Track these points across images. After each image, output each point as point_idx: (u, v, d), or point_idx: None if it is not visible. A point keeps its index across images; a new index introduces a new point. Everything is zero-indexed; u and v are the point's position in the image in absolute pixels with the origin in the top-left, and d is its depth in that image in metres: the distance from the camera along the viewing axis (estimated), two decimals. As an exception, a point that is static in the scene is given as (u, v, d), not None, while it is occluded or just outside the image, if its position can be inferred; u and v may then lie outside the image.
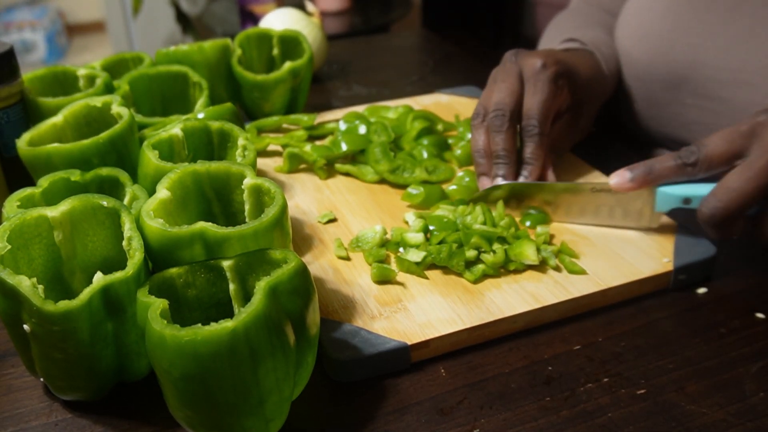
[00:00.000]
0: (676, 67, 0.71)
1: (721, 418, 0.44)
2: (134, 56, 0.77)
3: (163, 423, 0.45)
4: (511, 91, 0.64)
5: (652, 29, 0.73)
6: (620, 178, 0.57)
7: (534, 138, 0.63)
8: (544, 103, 0.64)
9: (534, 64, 0.65)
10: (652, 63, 0.73)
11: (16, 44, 3.19)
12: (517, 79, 0.65)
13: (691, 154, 0.54)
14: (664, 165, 0.56)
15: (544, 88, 0.64)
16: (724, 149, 0.53)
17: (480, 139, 0.65)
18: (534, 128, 0.63)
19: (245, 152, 0.55)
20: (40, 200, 0.50)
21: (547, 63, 0.65)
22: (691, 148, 0.54)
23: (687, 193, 0.56)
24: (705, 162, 0.54)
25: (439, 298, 0.53)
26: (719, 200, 0.52)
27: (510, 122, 0.63)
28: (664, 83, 0.73)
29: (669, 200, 0.57)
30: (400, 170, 0.68)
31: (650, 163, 0.56)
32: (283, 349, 0.40)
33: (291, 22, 0.97)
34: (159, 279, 0.42)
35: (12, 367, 0.50)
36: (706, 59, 0.68)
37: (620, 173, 0.57)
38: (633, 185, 0.57)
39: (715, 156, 0.53)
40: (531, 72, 0.65)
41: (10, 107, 0.62)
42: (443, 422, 0.45)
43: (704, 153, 0.54)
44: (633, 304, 0.54)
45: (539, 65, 0.64)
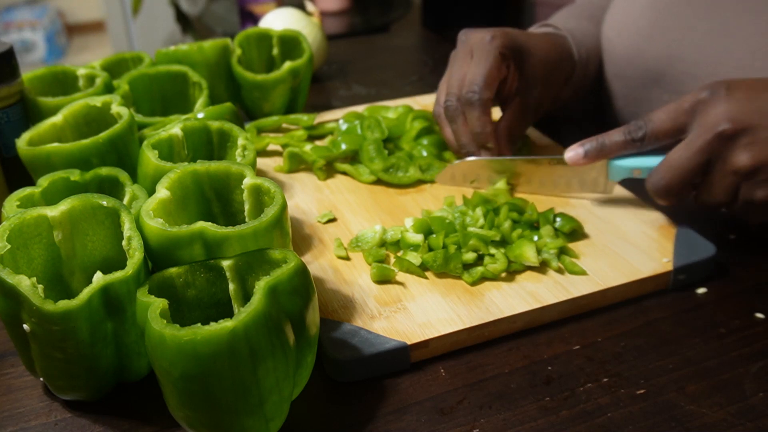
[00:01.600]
0: (654, 62, 0.71)
1: (721, 418, 0.44)
2: (134, 56, 0.77)
3: (163, 423, 0.45)
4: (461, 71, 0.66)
5: (633, 25, 0.74)
6: (574, 153, 0.61)
7: (475, 105, 0.64)
8: (489, 71, 0.64)
9: (482, 38, 0.66)
10: (631, 58, 0.74)
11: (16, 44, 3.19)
12: (466, 59, 0.66)
13: (638, 129, 0.58)
14: (614, 140, 0.59)
15: (489, 57, 0.64)
16: (669, 125, 0.56)
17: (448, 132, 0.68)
18: (474, 94, 0.64)
19: (245, 152, 0.55)
20: (39, 200, 0.50)
21: (495, 35, 0.65)
22: (639, 123, 0.58)
23: (636, 164, 0.60)
24: (651, 136, 0.57)
25: (438, 298, 0.53)
26: (662, 177, 0.56)
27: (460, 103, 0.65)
28: (642, 79, 0.73)
29: (620, 171, 0.61)
30: (394, 169, 0.68)
31: (601, 138, 0.60)
32: (283, 349, 0.40)
33: (291, 22, 0.97)
34: (159, 279, 0.42)
35: (12, 367, 0.50)
36: (682, 54, 0.69)
37: (574, 148, 0.61)
38: (586, 160, 0.61)
39: (660, 131, 0.57)
40: (478, 44, 0.66)
41: (10, 107, 0.62)
42: (443, 422, 0.45)
43: (650, 128, 0.57)
44: (633, 304, 0.54)
45: (487, 38, 0.65)
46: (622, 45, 0.75)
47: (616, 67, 0.76)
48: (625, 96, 0.77)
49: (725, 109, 0.53)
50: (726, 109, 0.53)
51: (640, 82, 0.74)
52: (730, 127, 0.52)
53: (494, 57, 0.65)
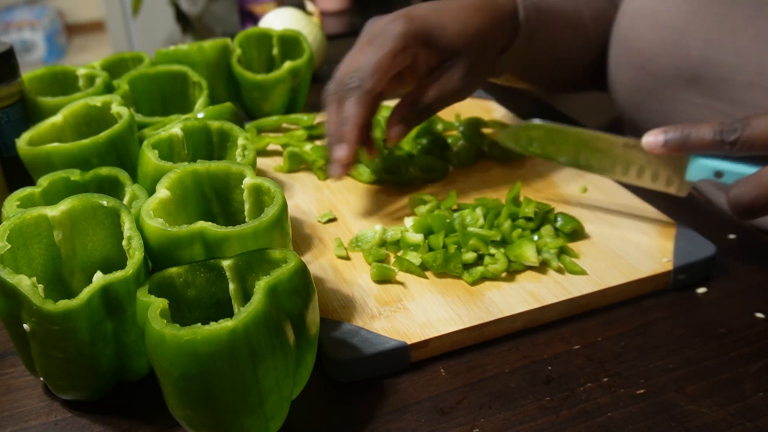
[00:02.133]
0: (688, 63, 0.67)
1: (720, 418, 0.44)
2: (134, 56, 0.77)
3: (163, 423, 0.45)
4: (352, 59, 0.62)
5: (666, 18, 0.69)
6: (654, 138, 0.55)
7: (352, 92, 0.59)
8: (380, 59, 0.59)
9: (383, 24, 0.61)
10: (662, 55, 0.69)
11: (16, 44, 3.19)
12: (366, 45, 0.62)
13: (733, 132, 0.51)
14: (701, 136, 0.53)
15: (385, 44, 0.60)
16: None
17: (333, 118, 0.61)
18: (354, 81, 0.59)
19: (245, 152, 0.55)
20: (39, 200, 0.50)
21: (396, 20, 0.60)
22: (735, 124, 0.52)
23: (722, 167, 0.54)
24: (746, 143, 0.51)
25: (438, 297, 0.53)
26: (749, 192, 0.50)
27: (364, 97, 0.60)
28: (672, 78, 0.69)
29: (702, 170, 0.55)
30: (394, 169, 0.68)
31: (687, 130, 0.54)
32: (283, 349, 0.40)
33: (291, 21, 0.97)
34: (159, 278, 0.42)
35: (12, 367, 0.50)
36: (722, 57, 0.64)
37: (654, 134, 0.55)
38: (665, 149, 0.55)
39: (758, 140, 0.51)
40: (378, 31, 0.61)
41: (10, 107, 0.62)
42: (443, 422, 0.45)
43: (747, 134, 0.51)
44: (633, 304, 0.54)
45: (386, 22, 0.61)
46: (651, 38, 0.70)
47: (639, 59, 0.72)
48: (647, 90, 0.72)
49: None
50: None
51: (669, 80, 0.69)
52: None
53: (391, 46, 0.59)
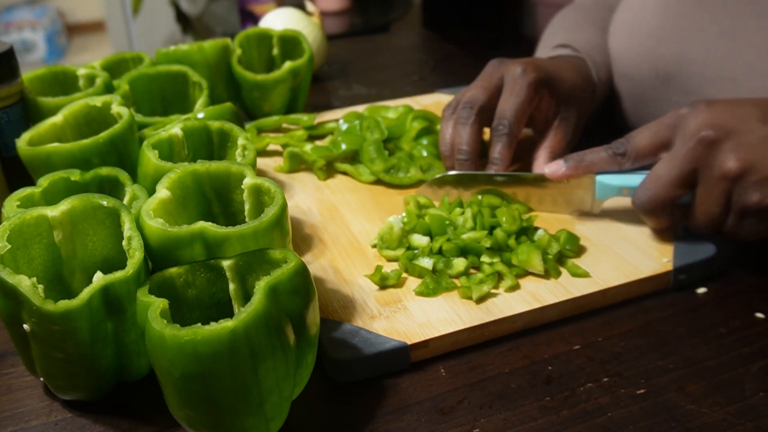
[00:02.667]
0: (663, 63, 0.71)
1: (721, 418, 0.44)
2: (134, 56, 0.77)
3: (163, 423, 0.45)
4: (486, 88, 0.66)
5: (643, 25, 0.74)
6: (555, 166, 0.60)
7: (502, 138, 0.64)
8: (520, 105, 0.64)
9: (514, 70, 0.66)
10: (641, 59, 0.73)
11: (16, 44, 3.19)
12: (495, 81, 0.67)
13: (620, 145, 0.58)
14: (595, 155, 0.59)
15: (521, 92, 0.65)
16: (650, 140, 0.56)
17: (447, 132, 0.67)
18: (504, 128, 0.64)
19: (245, 152, 0.55)
20: (39, 200, 0.50)
21: (528, 69, 0.66)
22: (621, 140, 0.58)
23: (625, 183, 0.59)
24: (633, 152, 0.57)
25: (438, 298, 0.53)
26: (648, 189, 0.55)
27: (477, 116, 0.65)
28: (651, 80, 0.73)
29: (607, 190, 0.60)
30: (395, 170, 0.68)
31: (582, 153, 0.60)
32: (283, 349, 0.40)
33: (291, 21, 0.97)
34: (159, 279, 0.42)
35: (12, 367, 0.50)
36: (692, 55, 0.68)
37: (555, 163, 0.61)
38: (566, 173, 0.60)
39: (642, 147, 0.57)
40: (511, 77, 0.66)
41: (10, 107, 0.62)
42: (443, 422, 0.45)
43: (632, 144, 0.57)
44: (633, 304, 0.54)
45: (519, 71, 0.66)
46: (631, 46, 0.75)
47: (625, 68, 0.76)
48: (634, 96, 0.76)
49: (706, 118, 0.53)
50: (707, 117, 0.53)
51: (650, 82, 0.73)
52: (712, 133, 0.52)
53: (526, 92, 0.65)
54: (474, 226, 0.58)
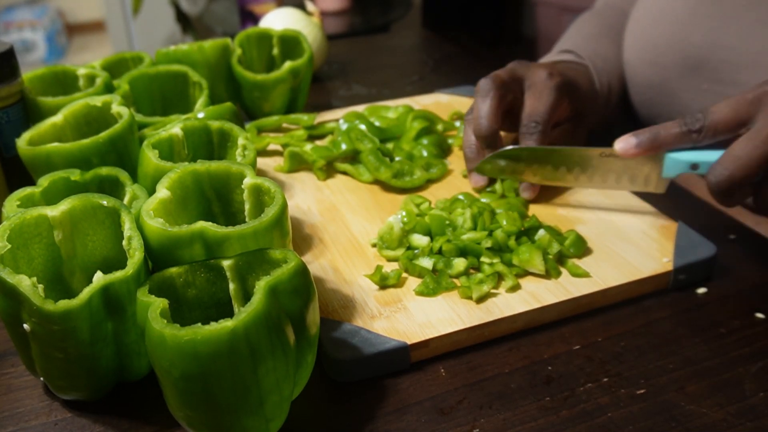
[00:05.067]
0: (694, 50, 0.69)
1: (721, 418, 0.44)
2: (134, 56, 0.77)
3: (163, 423, 0.45)
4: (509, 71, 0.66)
5: (669, 12, 0.72)
6: (625, 143, 0.57)
7: (534, 136, 0.63)
8: (550, 106, 0.64)
9: (540, 74, 0.66)
10: (669, 47, 0.72)
11: (16, 44, 3.19)
12: (517, 73, 0.66)
13: (696, 121, 0.55)
14: (669, 131, 0.56)
15: (551, 94, 0.64)
16: (730, 117, 0.53)
17: (471, 134, 0.66)
18: (537, 125, 0.63)
19: (245, 152, 0.55)
20: (40, 200, 0.50)
21: (553, 73, 0.66)
22: (697, 115, 0.55)
23: (695, 158, 0.56)
24: (710, 129, 0.54)
25: (438, 297, 0.53)
26: (725, 168, 0.52)
27: (497, 90, 0.64)
28: (679, 68, 0.72)
29: (677, 165, 0.57)
30: (400, 174, 0.68)
31: (655, 129, 0.56)
32: (283, 349, 0.40)
33: (291, 21, 0.97)
34: (159, 278, 0.42)
35: (12, 367, 0.50)
36: (725, 42, 0.67)
37: (625, 139, 0.57)
38: (638, 151, 0.57)
39: (720, 123, 0.53)
40: (537, 80, 0.65)
41: (10, 107, 0.62)
42: (443, 422, 0.45)
43: (710, 120, 0.54)
44: (633, 304, 0.54)
45: (545, 74, 0.65)
46: (658, 33, 0.73)
47: (651, 54, 0.74)
48: (659, 85, 0.75)
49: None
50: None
51: (677, 70, 0.72)
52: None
53: (555, 95, 0.64)
54: (474, 226, 0.58)
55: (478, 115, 0.64)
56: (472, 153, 0.66)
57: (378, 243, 0.58)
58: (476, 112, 0.65)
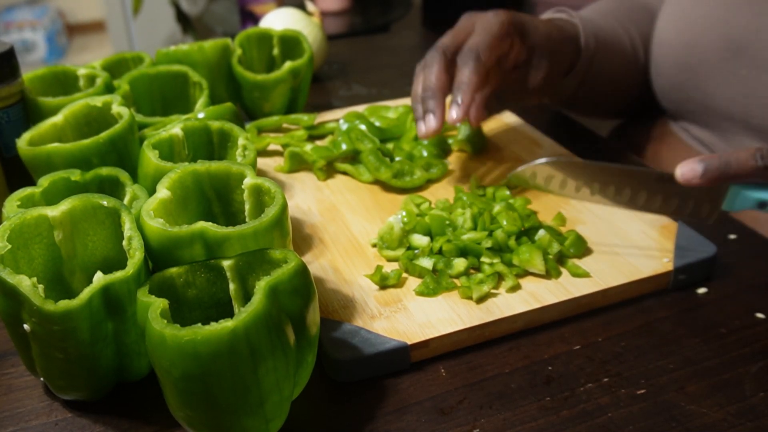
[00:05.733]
0: (736, 32, 0.66)
1: (721, 418, 0.44)
2: (134, 56, 0.77)
3: (163, 423, 0.45)
4: (454, 35, 0.65)
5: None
6: (689, 169, 0.51)
7: (469, 63, 0.60)
8: (490, 38, 0.62)
9: (486, 15, 0.65)
10: (709, 27, 0.69)
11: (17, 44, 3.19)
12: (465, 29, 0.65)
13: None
14: (742, 163, 0.50)
15: (492, 28, 0.63)
16: None
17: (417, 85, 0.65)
18: (471, 52, 0.61)
19: (245, 152, 0.55)
20: (40, 200, 0.50)
21: (499, 12, 0.65)
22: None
23: (764, 197, 0.51)
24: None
25: (439, 298, 0.53)
26: None
27: (442, 56, 0.63)
28: (719, 50, 0.68)
29: (743, 201, 0.51)
30: (400, 174, 0.68)
31: (726, 158, 0.50)
32: (283, 349, 0.40)
33: (291, 21, 0.97)
34: (159, 279, 0.42)
35: (12, 367, 0.50)
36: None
37: (690, 165, 0.51)
38: (703, 180, 0.50)
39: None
40: (481, 19, 0.65)
41: (10, 107, 0.62)
42: (443, 422, 0.45)
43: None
44: (633, 304, 0.54)
45: (491, 14, 0.65)
46: (700, 12, 0.70)
47: (688, 35, 0.72)
48: (695, 66, 0.71)
49: None
50: None
51: (716, 53, 0.69)
52: None
53: (497, 29, 0.63)
54: (474, 226, 0.58)
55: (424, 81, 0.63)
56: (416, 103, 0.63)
57: (378, 243, 0.58)
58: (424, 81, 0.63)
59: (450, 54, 0.63)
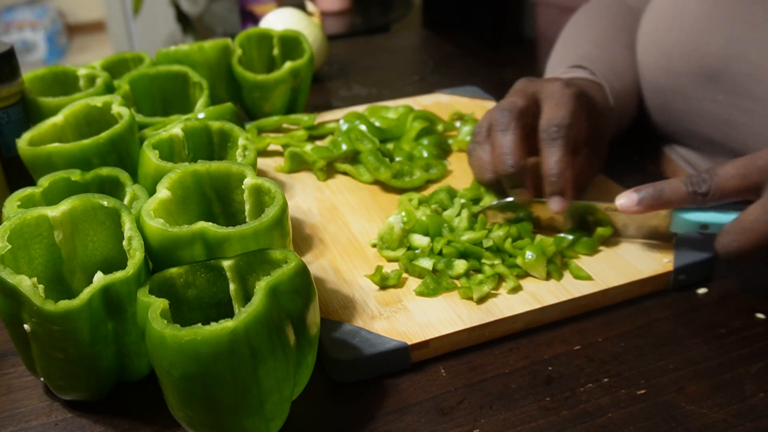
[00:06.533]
0: (709, 60, 0.66)
1: (721, 419, 0.44)
2: (134, 56, 0.77)
3: (163, 423, 0.45)
4: (523, 95, 0.60)
5: (686, 18, 0.68)
6: (627, 200, 0.54)
7: (556, 143, 0.57)
8: (571, 111, 0.58)
9: (555, 85, 0.60)
10: (683, 53, 0.68)
11: (17, 44, 3.19)
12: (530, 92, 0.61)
13: (702, 183, 0.52)
14: (674, 190, 0.53)
15: (569, 102, 0.59)
16: (738, 183, 0.51)
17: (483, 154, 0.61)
18: (556, 131, 0.57)
19: (245, 152, 0.55)
20: (40, 200, 0.50)
21: (569, 84, 0.61)
22: (703, 175, 0.52)
23: (705, 219, 0.54)
24: (716, 192, 0.52)
25: (439, 298, 0.53)
26: (734, 240, 0.50)
27: (517, 121, 0.58)
28: (695, 76, 0.68)
29: (685, 224, 0.55)
30: (400, 174, 0.68)
31: (660, 186, 0.54)
32: (284, 349, 0.40)
33: (291, 22, 0.97)
34: (159, 279, 0.42)
35: (12, 367, 0.50)
36: (744, 53, 0.63)
37: (628, 195, 0.54)
38: (639, 209, 0.54)
39: (727, 188, 0.51)
40: (553, 91, 0.60)
41: (11, 107, 0.62)
42: (443, 422, 0.45)
43: (716, 183, 0.52)
44: (633, 305, 0.54)
45: (561, 85, 0.60)
46: (673, 38, 0.69)
47: (664, 60, 0.71)
48: (672, 90, 0.71)
49: None
50: None
51: (691, 78, 0.68)
52: None
53: (573, 103, 0.59)
54: (470, 226, 0.58)
55: (501, 152, 0.58)
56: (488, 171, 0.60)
57: (378, 243, 0.58)
58: (498, 148, 0.58)
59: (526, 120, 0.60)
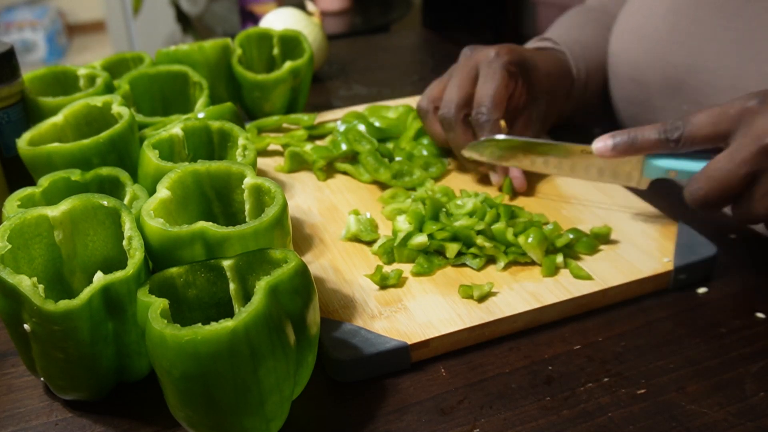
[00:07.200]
0: (674, 71, 0.69)
1: (721, 418, 0.44)
2: (134, 56, 0.77)
3: (163, 423, 0.45)
4: (461, 86, 0.66)
5: (651, 31, 0.72)
6: (603, 144, 0.58)
7: (485, 125, 0.64)
8: (496, 89, 0.64)
9: (487, 55, 0.66)
10: (649, 66, 0.72)
11: (17, 44, 3.19)
12: (469, 73, 0.67)
13: (675, 130, 0.55)
14: (647, 137, 0.56)
15: (496, 75, 0.64)
16: (709, 130, 0.53)
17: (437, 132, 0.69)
18: (483, 115, 0.64)
19: (245, 152, 0.55)
20: (40, 200, 0.50)
21: (500, 52, 0.66)
22: (677, 123, 0.55)
23: (674, 166, 0.58)
24: (688, 139, 0.54)
25: (439, 297, 0.53)
26: (700, 187, 0.53)
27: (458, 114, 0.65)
28: (660, 87, 0.72)
29: (656, 170, 0.59)
30: (399, 174, 0.68)
31: (634, 132, 0.57)
32: (284, 349, 0.40)
33: (291, 21, 0.97)
34: (159, 278, 0.42)
35: (12, 367, 0.50)
36: (704, 63, 0.67)
37: (603, 139, 0.58)
38: (614, 153, 0.58)
39: (698, 135, 0.54)
40: (484, 61, 0.66)
41: (11, 107, 0.62)
42: (443, 422, 0.45)
43: (688, 131, 0.54)
44: (633, 304, 0.54)
45: (492, 54, 0.66)
46: (639, 51, 0.73)
47: (632, 72, 0.75)
48: (641, 102, 0.75)
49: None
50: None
51: (658, 89, 0.72)
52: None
53: (501, 75, 0.65)
54: (471, 214, 0.59)
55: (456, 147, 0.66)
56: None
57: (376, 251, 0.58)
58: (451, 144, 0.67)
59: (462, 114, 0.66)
